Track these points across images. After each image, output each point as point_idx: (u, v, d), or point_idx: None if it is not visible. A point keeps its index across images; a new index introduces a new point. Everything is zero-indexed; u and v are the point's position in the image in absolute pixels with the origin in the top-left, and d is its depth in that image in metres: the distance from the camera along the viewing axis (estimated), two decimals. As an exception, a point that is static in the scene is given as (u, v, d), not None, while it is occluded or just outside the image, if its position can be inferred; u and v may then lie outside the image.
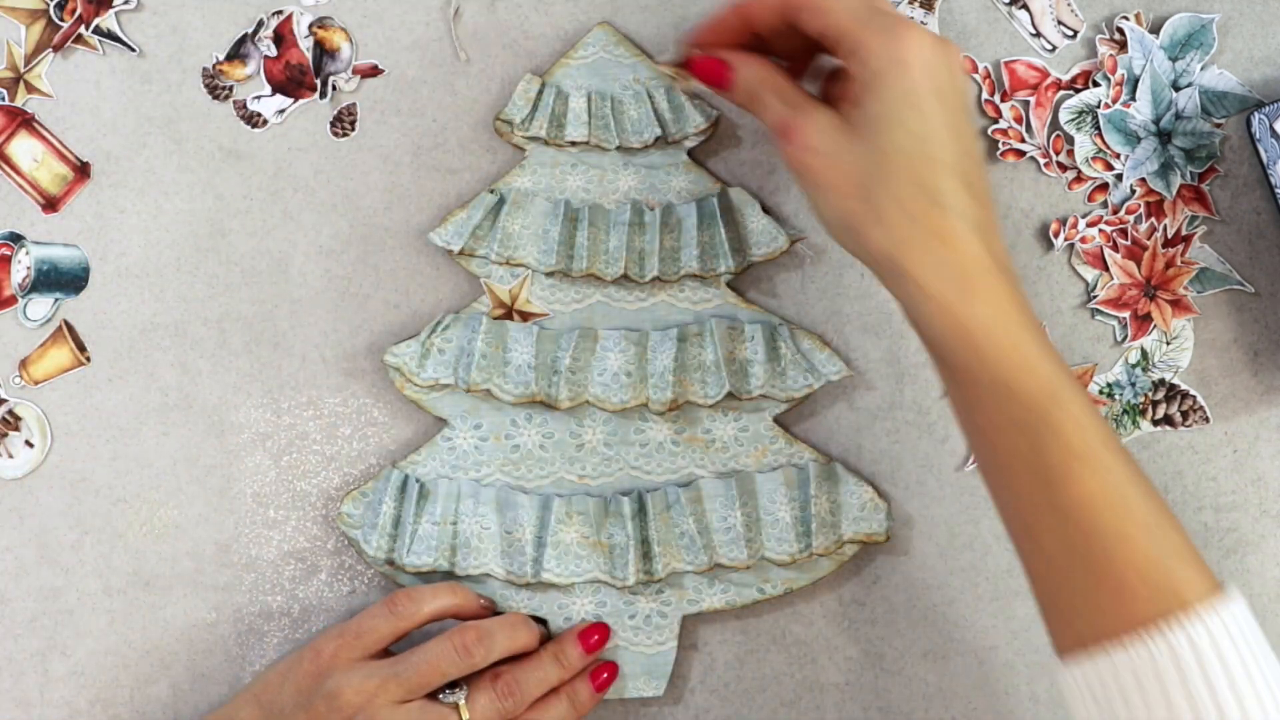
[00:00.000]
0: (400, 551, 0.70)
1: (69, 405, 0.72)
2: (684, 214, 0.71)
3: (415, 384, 0.70)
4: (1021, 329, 0.58)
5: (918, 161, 0.59)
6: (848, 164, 0.60)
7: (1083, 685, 0.57)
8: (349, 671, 0.66)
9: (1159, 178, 0.72)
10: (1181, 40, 0.71)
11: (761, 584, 0.71)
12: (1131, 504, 0.56)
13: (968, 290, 0.58)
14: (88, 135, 0.72)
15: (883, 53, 0.60)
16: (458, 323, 0.71)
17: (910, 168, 0.59)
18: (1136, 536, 0.56)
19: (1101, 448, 0.57)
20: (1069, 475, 0.57)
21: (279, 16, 0.72)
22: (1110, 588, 0.56)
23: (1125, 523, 0.56)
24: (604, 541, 0.70)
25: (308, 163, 0.72)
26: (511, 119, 0.70)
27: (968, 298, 0.58)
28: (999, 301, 0.58)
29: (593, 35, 0.71)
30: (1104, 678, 0.56)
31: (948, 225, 0.58)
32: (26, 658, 0.72)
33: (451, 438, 0.71)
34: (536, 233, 0.70)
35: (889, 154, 0.59)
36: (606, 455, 0.71)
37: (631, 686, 0.71)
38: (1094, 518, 0.56)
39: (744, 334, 0.70)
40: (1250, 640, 0.55)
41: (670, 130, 0.71)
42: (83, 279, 0.72)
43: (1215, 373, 0.72)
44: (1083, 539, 0.56)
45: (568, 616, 0.71)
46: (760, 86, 0.65)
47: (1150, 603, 0.55)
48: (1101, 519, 0.56)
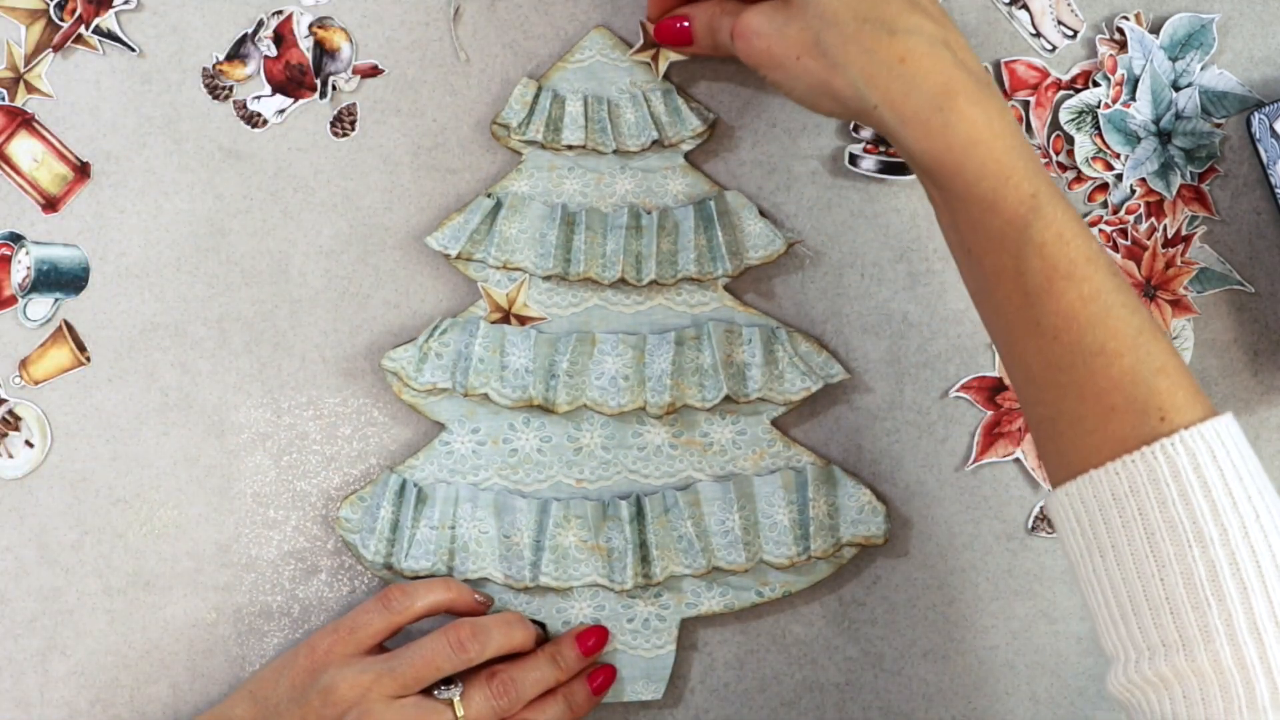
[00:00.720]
0: (398, 556, 0.70)
1: (69, 405, 0.72)
2: (681, 217, 0.71)
3: (413, 388, 0.70)
4: (1001, 140, 0.58)
5: (857, 4, 0.60)
6: (793, 30, 0.62)
7: (1068, 510, 0.57)
8: (344, 667, 0.66)
9: (1159, 178, 0.72)
10: (1181, 40, 0.71)
11: (760, 587, 0.71)
12: (1114, 319, 0.56)
13: (943, 107, 0.58)
14: (88, 135, 0.72)
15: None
16: (455, 327, 0.71)
17: (850, 9, 0.60)
18: (1120, 353, 0.55)
19: (1085, 262, 0.57)
20: (1051, 291, 0.56)
21: (279, 16, 0.72)
22: (1095, 408, 0.56)
23: (1109, 338, 0.56)
24: (602, 545, 0.70)
25: (308, 163, 0.72)
26: (508, 123, 0.70)
27: (944, 115, 0.58)
28: (976, 114, 0.58)
29: (589, 39, 0.71)
30: (1086, 501, 0.56)
31: (907, 46, 0.59)
32: (26, 658, 0.72)
33: (449, 442, 0.71)
34: (534, 236, 0.70)
35: (826, 6, 0.60)
36: (604, 459, 0.71)
37: (630, 690, 0.71)
38: (1078, 335, 0.56)
39: (741, 337, 0.70)
40: (1235, 458, 0.54)
41: (667, 133, 0.71)
42: (83, 279, 0.72)
43: (1215, 373, 0.72)
44: (1067, 357, 0.56)
45: (566, 620, 0.71)
46: (710, 22, 0.67)
47: (1133, 422, 0.55)
48: (1085, 336, 0.56)
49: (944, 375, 0.72)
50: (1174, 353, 0.56)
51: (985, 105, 0.58)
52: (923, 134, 0.58)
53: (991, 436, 0.72)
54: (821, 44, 0.61)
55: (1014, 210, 0.57)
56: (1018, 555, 0.72)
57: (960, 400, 0.72)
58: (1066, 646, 0.72)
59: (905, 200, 0.72)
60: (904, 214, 0.72)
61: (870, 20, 0.59)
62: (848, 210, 0.72)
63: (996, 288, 0.59)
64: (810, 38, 0.61)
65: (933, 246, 0.72)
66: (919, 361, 0.72)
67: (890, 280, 0.72)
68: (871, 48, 0.59)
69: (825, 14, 0.60)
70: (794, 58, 0.62)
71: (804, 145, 0.72)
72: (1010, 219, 0.57)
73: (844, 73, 0.60)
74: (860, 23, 0.60)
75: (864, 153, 0.72)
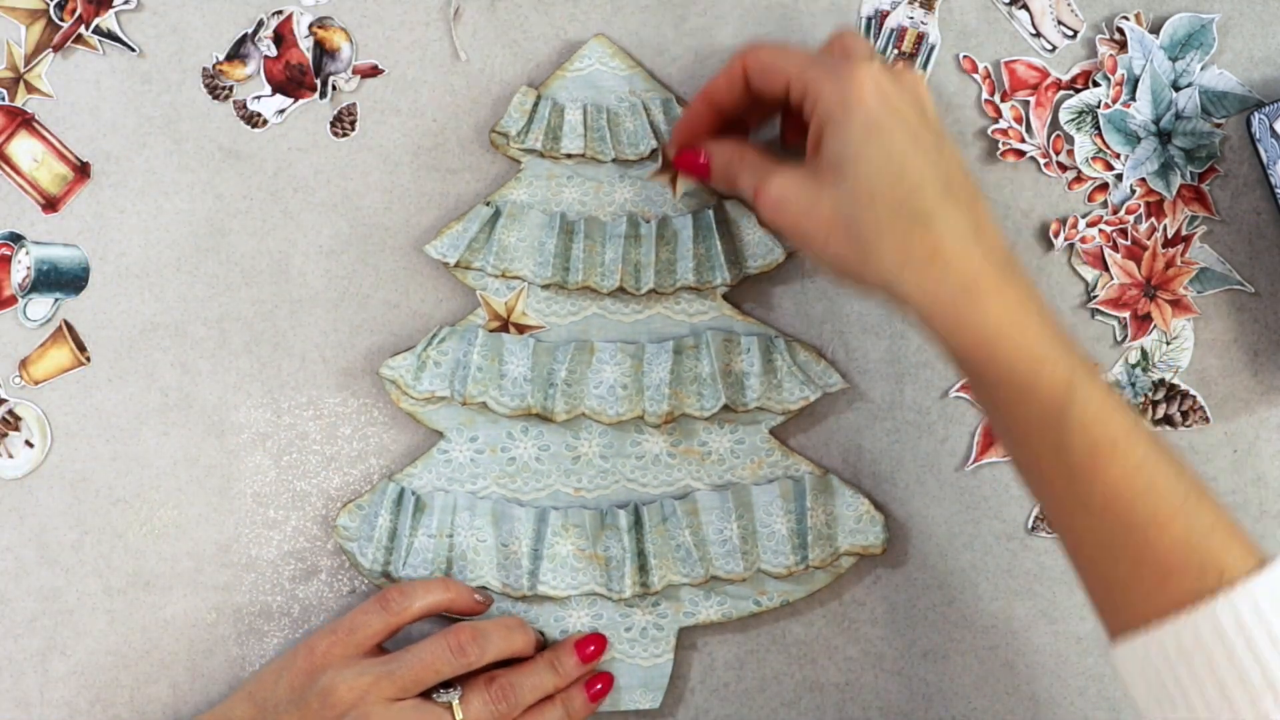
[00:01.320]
0: (396, 564, 0.70)
1: (69, 405, 0.72)
2: (680, 226, 0.70)
3: (411, 396, 0.70)
4: (1032, 325, 0.58)
5: (890, 187, 0.59)
6: (824, 210, 0.61)
7: (1134, 666, 0.57)
8: (342, 668, 0.66)
9: (1159, 178, 0.72)
10: (1181, 40, 0.71)
11: (758, 596, 0.71)
12: (1161, 487, 0.56)
13: (972, 300, 0.58)
14: (88, 135, 0.72)
15: (833, 93, 0.61)
16: (454, 335, 0.71)
17: (885, 195, 0.59)
18: (1172, 519, 0.56)
19: (1125, 435, 0.57)
20: (1095, 468, 0.57)
21: (279, 16, 0.72)
22: (1152, 573, 0.56)
23: (1158, 507, 0.56)
24: (600, 554, 0.70)
25: (308, 163, 0.72)
26: (507, 131, 0.70)
27: (973, 307, 0.58)
28: (1005, 302, 0.58)
29: (588, 47, 0.71)
30: (1152, 657, 0.56)
31: (937, 240, 0.58)
32: (26, 658, 0.72)
33: (447, 450, 0.71)
34: (532, 245, 0.70)
35: (860, 188, 0.59)
36: (603, 468, 0.71)
37: (628, 699, 0.71)
38: (1126, 508, 0.56)
39: (740, 346, 0.70)
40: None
41: (666, 142, 0.70)
42: (83, 279, 0.72)
43: (1215, 373, 0.72)
44: (1119, 530, 0.56)
45: (564, 629, 0.71)
46: (730, 165, 0.66)
47: (1192, 581, 0.55)
48: (1134, 508, 0.56)
49: (944, 375, 0.72)
50: (1222, 508, 0.57)
51: (1013, 294, 0.58)
52: (954, 325, 0.58)
53: (992, 436, 0.72)
54: (853, 230, 0.60)
55: (1050, 395, 0.57)
56: (1018, 555, 0.72)
57: (960, 400, 0.72)
58: (1066, 646, 0.72)
59: (905, 200, 0.72)
60: (904, 214, 0.72)
61: (904, 211, 0.59)
62: (848, 210, 0.72)
63: (1039, 467, 0.59)
64: (841, 220, 0.60)
65: (933, 246, 0.72)
66: (919, 361, 0.72)
67: (890, 280, 0.72)
68: (906, 237, 0.59)
69: (860, 197, 0.60)
70: (822, 237, 0.61)
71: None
72: (1048, 403, 0.57)
73: (875, 261, 0.59)
74: (894, 213, 0.59)
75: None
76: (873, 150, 0.59)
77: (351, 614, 0.68)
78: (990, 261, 0.59)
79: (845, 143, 0.60)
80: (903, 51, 0.72)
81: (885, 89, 0.60)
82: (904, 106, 0.60)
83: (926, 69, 0.72)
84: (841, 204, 0.60)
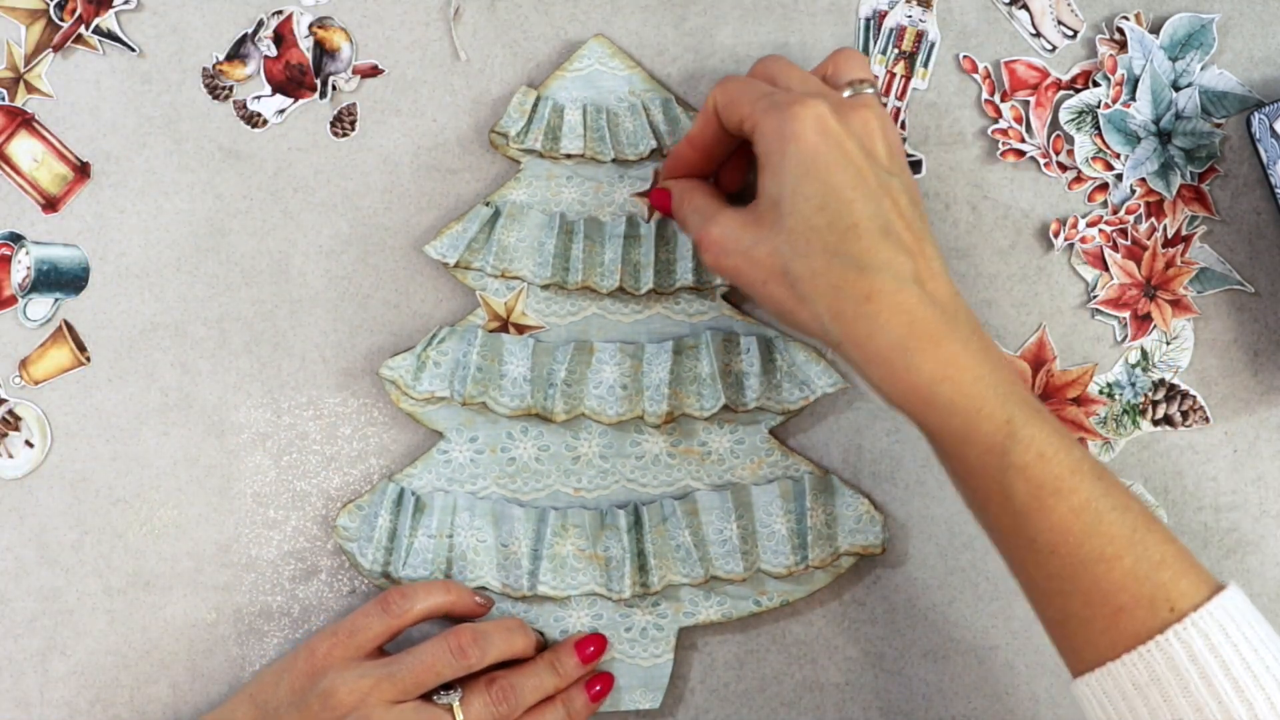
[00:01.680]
0: (396, 565, 0.70)
1: (69, 405, 0.72)
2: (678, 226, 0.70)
3: (411, 397, 0.70)
4: (970, 372, 0.57)
5: (826, 230, 0.58)
6: (762, 254, 0.60)
7: (1094, 701, 0.58)
8: (343, 671, 0.66)
9: (1159, 178, 0.72)
10: (1181, 40, 0.71)
11: (758, 596, 0.71)
12: (1108, 524, 0.57)
13: (908, 349, 0.57)
14: (88, 135, 0.72)
15: (773, 131, 0.59)
16: (453, 336, 0.70)
17: (820, 239, 0.58)
18: (1120, 556, 0.56)
19: (1068, 475, 0.57)
20: (1041, 509, 0.57)
21: (279, 16, 0.72)
22: (1104, 610, 0.57)
23: (1105, 545, 0.56)
24: (600, 554, 0.70)
25: (308, 163, 0.72)
26: (507, 131, 0.70)
27: (908, 357, 0.57)
28: (942, 352, 0.57)
29: (588, 47, 0.71)
30: (1110, 692, 0.56)
31: (874, 286, 0.58)
32: (26, 658, 0.72)
33: (447, 451, 0.71)
34: (532, 245, 0.70)
35: (796, 231, 0.59)
36: (602, 468, 0.71)
37: (628, 699, 0.71)
38: (1074, 547, 0.57)
39: (739, 346, 0.70)
40: (1249, 633, 0.56)
41: (665, 142, 0.70)
42: (83, 279, 0.72)
43: (1215, 373, 0.72)
44: (1069, 569, 0.57)
45: (564, 629, 0.71)
46: (681, 204, 0.66)
47: (1144, 616, 0.56)
48: (1081, 547, 0.57)
49: (944, 375, 0.72)
50: (1170, 539, 0.57)
51: (950, 341, 0.57)
52: (888, 374, 0.58)
53: (991, 436, 0.72)
54: (789, 274, 0.59)
55: (990, 439, 0.57)
56: (1018, 555, 0.72)
57: (960, 400, 0.72)
58: (1066, 646, 0.72)
59: (905, 200, 0.72)
60: (904, 214, 0.72)
61: (840, 255, 0.58)
62: (848, 210, 0.72)
63: (986, 510, 0.59)
64: (779, 264, 0.59)
65: (933, 246, 0.72)
66: (919, 361, 0.72)
67: (890, 280, 0.72)
68: (839, 284, 0.58)
69: (795, 243, 0.59)
70: (760, 281, 0.60)
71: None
72: (988, 448, 0.57)
73: (810, 306, 0.59)
74: (830, 256, 0.58)
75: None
76: (809, 188, 0.58)
77: (352, 616, 0.68)
78: (930, 307, 0.58)
79: (781, 182, 0.59)
80: (903, 50, 0.72)
81: (827, 125, 0.59)
82: (847, 142, 0.59)
83: (927, 67, 0.72)
84: (779, 247, 0.59)
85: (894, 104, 0.72)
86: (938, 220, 0.72)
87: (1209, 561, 0.72)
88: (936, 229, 0.72)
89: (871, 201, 0.58)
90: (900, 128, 0.72)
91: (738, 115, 0.62)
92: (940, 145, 0.72)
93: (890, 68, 0.72)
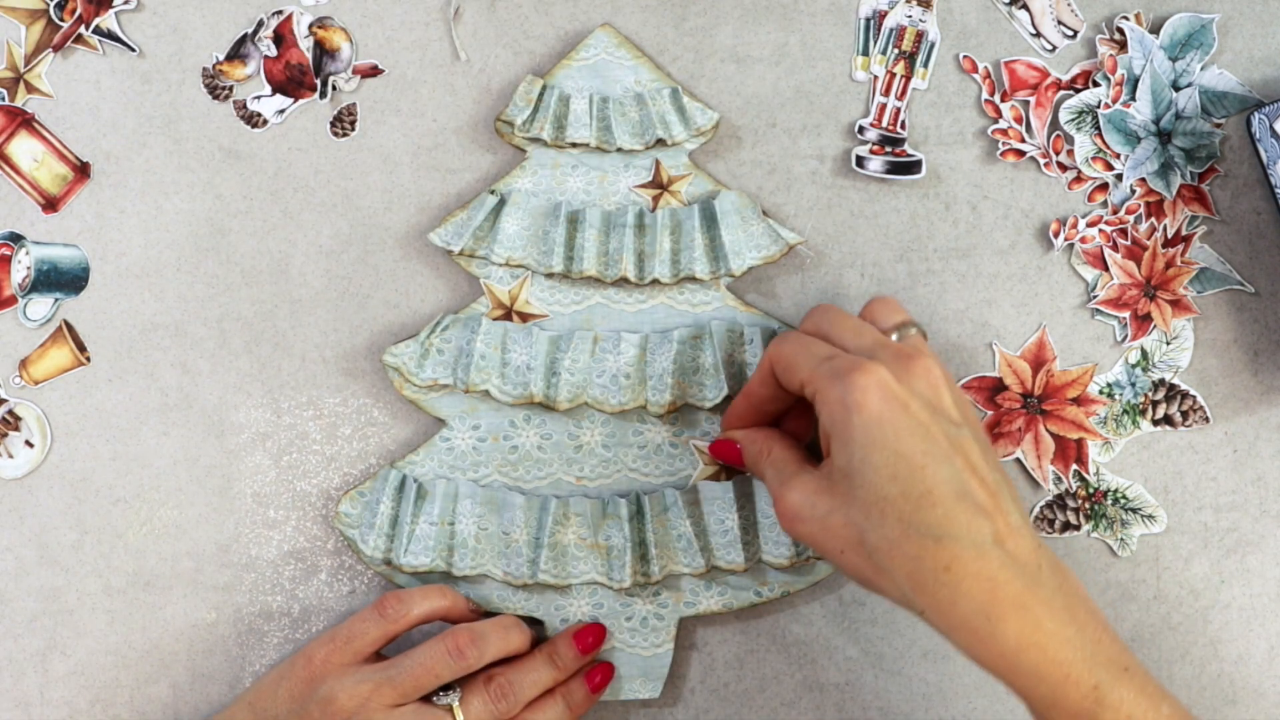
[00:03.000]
0: (398, 552, 0.70)
1: (69, 405, 0.72)
2: (685, 216, 0.70)
3: (414, 384, 0.70)
4: (1054, 638, 0.56)
5: (900, 501, 0.57)
6: (837, 523, 0.59)
7: None
8: (342, 676, 0.66)
9: (1159, 178, 0.72)
10: (1181, 40, 0.71)
11: (759, 587, 0.71)
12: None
13: (990, 616, 0.56)
14: (88, 135, 0.72)
15: (836, 401, 0.58)
16: (457, 323, 0.71)
17: (895, 510, 0.57)
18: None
19: (1141, 712, 0.56)
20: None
21: (279, 16, 0.72)
22: None
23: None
24: (601, 543, 0.70)
25: (308, 163, 0.72)
26: (513, 120, 0.70)
27: (992, 625, 0.56)
28: (1027, 618, 0.56)
29: (594, 37, 0.71)
30: None
31: (953, 554, 0.56)
32: (26, 658, 0.72)
33: (450, 438, 0.71)
34: (536, 234, 0.70)
35: (869, 503, 0.57)
36: (605, 457, 0.71)
37: (628, 688, 0.71)
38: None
39: (743, 337, 0.70)
40: None
41: (671, 132, 0.70)
42: (83, 279, 0.72)
43: (1215, 373, 0.72)
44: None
45: (564, 618, 0.71)
46: (757, 460, 0.65)
47: None
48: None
49: (944, 375, 0.72)
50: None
51: (1034, 605, 0.56)
52: (974, 641, 0.57)
53: (992, 436, 0.72)
54: (866, 544, 0.58)
55: (1078, 706, 0.56)
56: (1018, 555, 0.72)
57: (960, 400, 0.72)
58: (1066, 646, 0.72)
59: (905, 200, 0.72)
60: (904, 214, 0.72)
61: (915, 525, 0.56)
62: (848, 210, 0.72)
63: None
64: (854, 535, 0.58)
65: (933, 246, 0.72)
66: (919, 361, 0.72)
67: (890, 280, 0.72)
68: (917, 555, 0.56)
69: (870, 514, 0.57)
70: (838, 550, 0.59)
71: (804, 145, 0.72)
72: (1075, 714, 0.56)
73: (889, 577, 0.58)
74: (905, 527, 0.57)
75: (870, 154, 0.72)
76: (878, 458, 0.57)
77: (349, 622, 0.68)
78: (1012, 571, 0.57)
79: (850, 452, 0.58)
80: (903, 50, 0.72)
81: (890, 390, 0.58)
82: (913, 403, 0.58)
83: (927, 68, 0.72)
84: (853, 517, 0.58)
85: (894, 104, 0.72)
86: (938, 220, 0.72)
87: (1209, 561, 0.72)
88: (937, 229, 0.72)
89: (944, 464, 0.57)
90: (900, 128, 0.72)
91: (797, 380, 0.61)
92: (940, 145, 0.72)
93: (890, 68, 0.72)
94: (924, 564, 0.56)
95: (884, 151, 0.72)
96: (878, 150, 0.72)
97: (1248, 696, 0.72)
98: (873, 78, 0.72)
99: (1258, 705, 0.72)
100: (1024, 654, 0.56)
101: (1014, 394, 0.72)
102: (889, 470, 0.57)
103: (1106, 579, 0.72)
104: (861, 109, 0.72)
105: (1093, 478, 0.72)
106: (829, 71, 0.72)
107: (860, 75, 0.72)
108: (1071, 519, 0.72)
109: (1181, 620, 0.72)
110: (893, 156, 0.72)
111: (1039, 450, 0.72)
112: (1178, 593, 0.72)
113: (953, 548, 0.56)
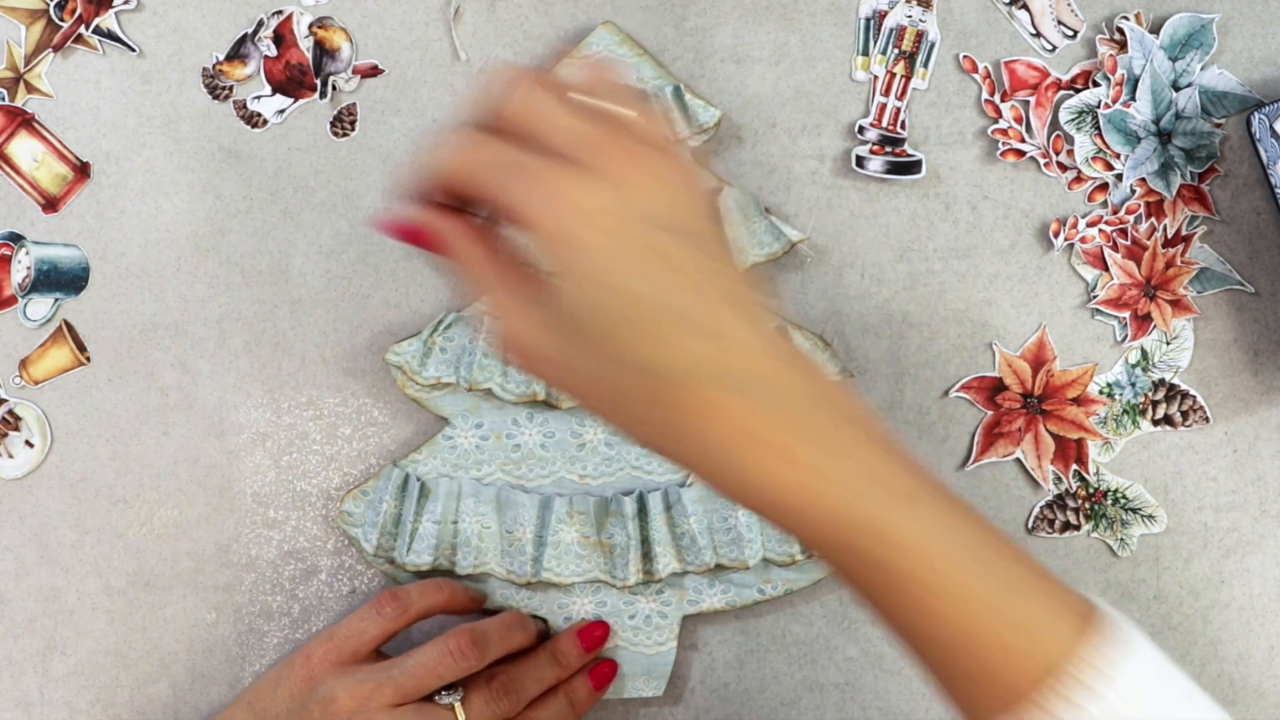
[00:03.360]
0: (400, 550, 0.70)
1: (69, 405, 0.72)
2: (685, 215, 0.71)
3: (416, 382, 0.70)
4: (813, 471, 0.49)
5: (615, 338, 0.49)
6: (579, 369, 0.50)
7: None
8: (342, 676, 0.66)
9: (1159, 178, 0.72)
10: (1181, 40, 0.71)
11: (762, 585, 0.71)
12: (972, 587, 0.49)
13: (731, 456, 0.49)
14: (88, 135, 0.72)
15: (536, 228, 0.49)
16: (459, 321, 0.71)
17: (613, 350, 0.49)
18: (989, 622, 0.49)
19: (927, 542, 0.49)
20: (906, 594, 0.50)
21: (279, 16, 0.72)
22: (984, 677, 0.50)
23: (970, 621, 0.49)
24: (605, 541, 0.70)
25: (308, 163, 0.72)
26: (513, 119, 0.70)
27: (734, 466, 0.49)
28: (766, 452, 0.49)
29: (596, 35, 0.71)
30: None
31: (677, 391, 0.48)
32: (26, 658, 0.72)
33: (452, 436, 0.71)
34: (537, 233, 0.70)
35: (601, 346, 0.49)
36: (608, 455, 0.71)
37: (631, 686, 0.71)
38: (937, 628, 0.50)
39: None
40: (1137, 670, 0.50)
41: (677, 131, 0.70)
42: (83, 279, 0.72)
43: (1215, 373, 0.72)
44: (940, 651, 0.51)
45: (568, 616, 0.71)
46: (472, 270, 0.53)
47: (1023, 677, 0.49)
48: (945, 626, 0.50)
49: (944, 375, 0.72)
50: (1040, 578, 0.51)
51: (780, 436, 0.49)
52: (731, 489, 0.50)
53: (991, 436, 0.72)
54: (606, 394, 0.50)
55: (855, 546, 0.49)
56: (1018, 555, 0.72)
57: (960, 400, 0.72)
58: (1066, 646, 0.72)
59: (905, 200, 0.72)
60: (904, 214, 0.72)
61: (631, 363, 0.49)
62: (848, 210, 0.72)
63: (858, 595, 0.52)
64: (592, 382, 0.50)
65: (933, 246, 0.72)
66: (919, 361, 0.72)
67: (890, 280, 0.72)
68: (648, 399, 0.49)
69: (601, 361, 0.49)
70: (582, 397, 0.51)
71: (804, 145, 0.72)
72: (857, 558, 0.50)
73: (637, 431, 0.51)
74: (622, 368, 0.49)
75: (870, 154, 0.72)
76: (593, 295, 0.48)
77: (347, 621, 0.68)
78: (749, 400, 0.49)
79: (575, 293, 0.49)
80: (903, 50, 0.72)
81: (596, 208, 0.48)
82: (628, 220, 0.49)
83: (927, 67, 0.72)
84: (587, 364, 0.50)
85: (894, 104, 0.72)
86: (938, 220, 0.72)
87: (1209, 561, 0.72)
88: (937, 229, 0.72)
89: (654, 286, 0.49)
90: (900, 128, 0.72)
91: (484, 203, 0.52)
92: (940, 145, 0.72)
93: (890, 68, 0.72)
94: (656, 410, 0.49)
95: (884, 151, 0.72)
96: (878, 150, 0.72)
97: (1248, 696, 0.72)
98: (873, 78, 0.72)
99: (1258, 705, 0.72)
100: (779, 494, 0.49)
101: (1014, 394, 0.72)
102: (602, 307, 0.48)
103: (1106, 579, 0.72)
104: (861, 109, 0.72)
105: (1093, 478, 0.72)
106: (829, 71, 0.72)
107: (860, 75, 0.72)
108: (1071, 519, 0.72)
109: (1181, 620, 0.72)
110: (893, 156, 0.72)
111: (1039, 450, 0.72)
112: (1178, 593, 0.72)
113: (671, 382, 0.48)
